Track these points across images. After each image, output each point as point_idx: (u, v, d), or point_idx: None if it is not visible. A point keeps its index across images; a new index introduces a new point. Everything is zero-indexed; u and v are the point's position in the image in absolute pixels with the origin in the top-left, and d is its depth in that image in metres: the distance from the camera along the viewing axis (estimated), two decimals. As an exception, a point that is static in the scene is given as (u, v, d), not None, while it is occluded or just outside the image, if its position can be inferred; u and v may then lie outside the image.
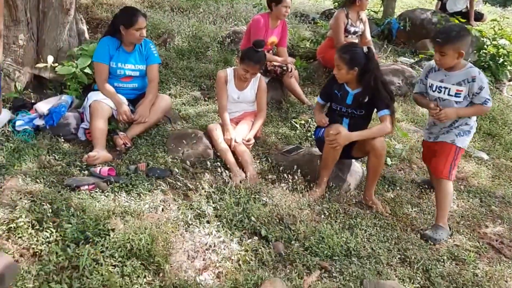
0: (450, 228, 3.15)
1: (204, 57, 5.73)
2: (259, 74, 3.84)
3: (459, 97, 3.07)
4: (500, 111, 5.45)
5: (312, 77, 5.64)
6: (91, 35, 5.07)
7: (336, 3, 8.85)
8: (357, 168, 3.71)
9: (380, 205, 3.31)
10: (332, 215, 3.06)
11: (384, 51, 6.76)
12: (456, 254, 2.91)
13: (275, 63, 4.65)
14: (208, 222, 2.75)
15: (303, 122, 4.38)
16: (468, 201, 3.64)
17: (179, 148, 3.51)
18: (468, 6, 7.70)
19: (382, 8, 8.62)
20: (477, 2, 11.00)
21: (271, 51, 4.82)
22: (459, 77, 3.05)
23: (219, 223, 2.75)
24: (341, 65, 3.13)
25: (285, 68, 4.63)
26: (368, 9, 9.09)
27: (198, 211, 2.84)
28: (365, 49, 3.15)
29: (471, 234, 3.19)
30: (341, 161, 3.57)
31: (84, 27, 4.62)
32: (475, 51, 6.44)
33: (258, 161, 3.65)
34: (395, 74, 5.65)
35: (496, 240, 3.16)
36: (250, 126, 3.79)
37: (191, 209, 2.88)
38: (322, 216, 3.01)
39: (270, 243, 2.70)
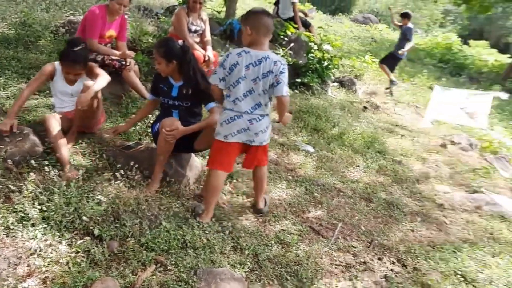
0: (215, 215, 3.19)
1: (35, 47, 5.25)
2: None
3: None
4: (325, 109, 6.15)
5: (155, 72, 5.57)
6: None
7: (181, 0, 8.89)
8: (197, 162, 3.82)
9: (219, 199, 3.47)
10: (170, 210, 3.11)
11: (226, 50, 7.03)
12: (282, 238, 3.21)
13: (113, 57, 4.49)
14: (33, 225, 2.56)
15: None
16: (295, 190, 4.04)
17: (1, 146, 3.17)
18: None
19: (225, 8, 8.94)
20: (310, 10, 12.19)
21: (109, 45, 4.64)
22: None
23: (46, 225, 2.58)
24: (159, 58, 3.27)
25: (123, 62, 4.50)
26: (211, 8, 9.36)
27: (22, 214, 2.62)
28: (180, 42, 3.32)
29: (296, 219, 3.56)
30: (180, 156, 3.65)
31: None
32: (304, 55, 7.12)
33: (93, 158, 3.51)
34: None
35: (316, 223, 3.59)
36: None
37: (13, 212, 2.65)
38: (161, 211, 3.04)
39: (104, 242, 2.64)
